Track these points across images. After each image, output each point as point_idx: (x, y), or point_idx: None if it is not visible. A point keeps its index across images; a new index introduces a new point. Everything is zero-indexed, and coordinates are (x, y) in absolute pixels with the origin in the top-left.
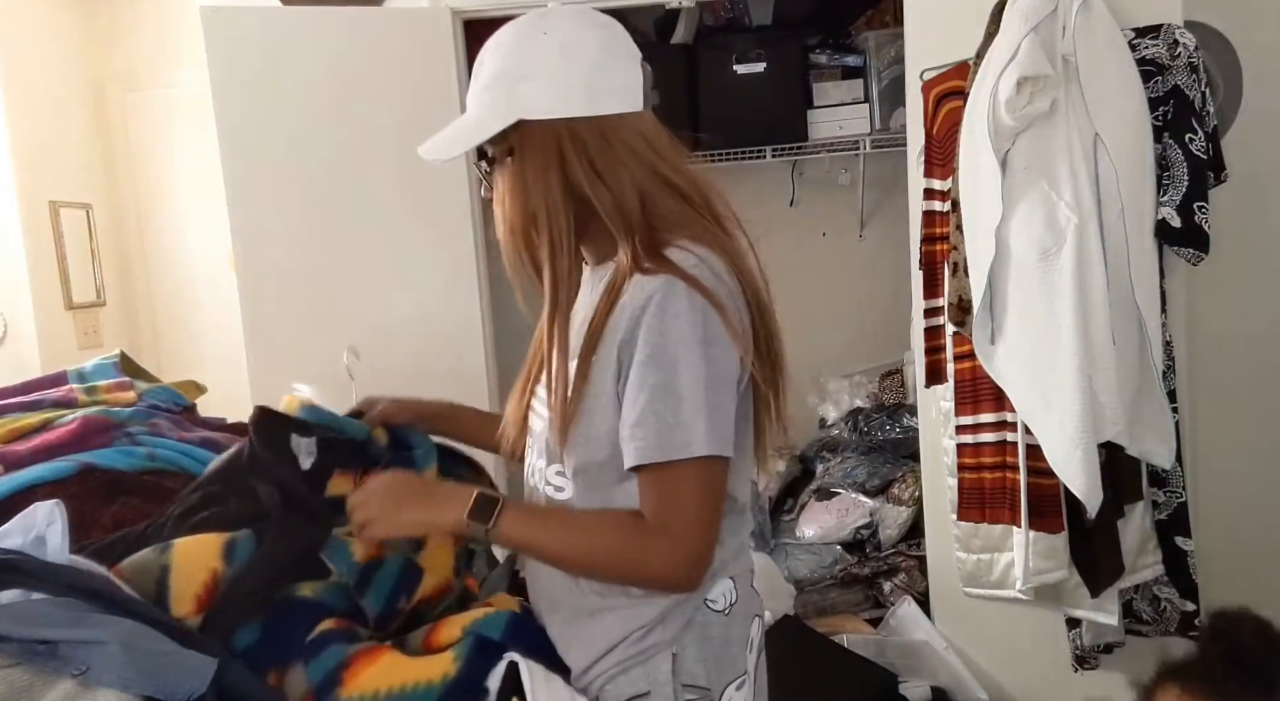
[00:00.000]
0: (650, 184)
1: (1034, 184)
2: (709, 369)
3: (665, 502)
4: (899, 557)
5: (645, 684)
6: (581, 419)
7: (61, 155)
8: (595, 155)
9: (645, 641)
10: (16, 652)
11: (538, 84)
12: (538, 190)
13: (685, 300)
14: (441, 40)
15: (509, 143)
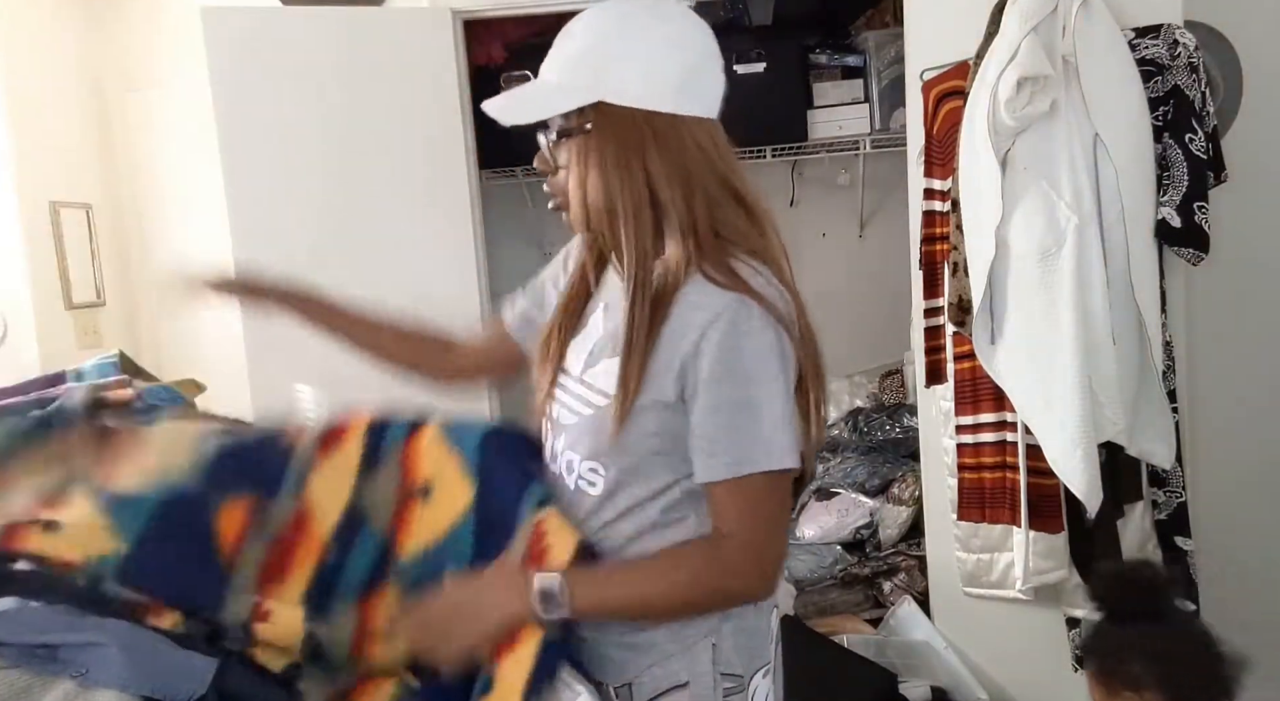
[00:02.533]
0: (717, 191)
1: (1034, 184)
2: (784, 385)
3: (748, 515)
4: (899, 557)
5: (685, 674)
6: (631, 423)
7: (61, 155)
8: (673, 152)
9: (685, 631)
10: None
11: (634, 69)
12: (622, 175)
13: (759, 320)
14: (441, 40)
15: (584, 119)
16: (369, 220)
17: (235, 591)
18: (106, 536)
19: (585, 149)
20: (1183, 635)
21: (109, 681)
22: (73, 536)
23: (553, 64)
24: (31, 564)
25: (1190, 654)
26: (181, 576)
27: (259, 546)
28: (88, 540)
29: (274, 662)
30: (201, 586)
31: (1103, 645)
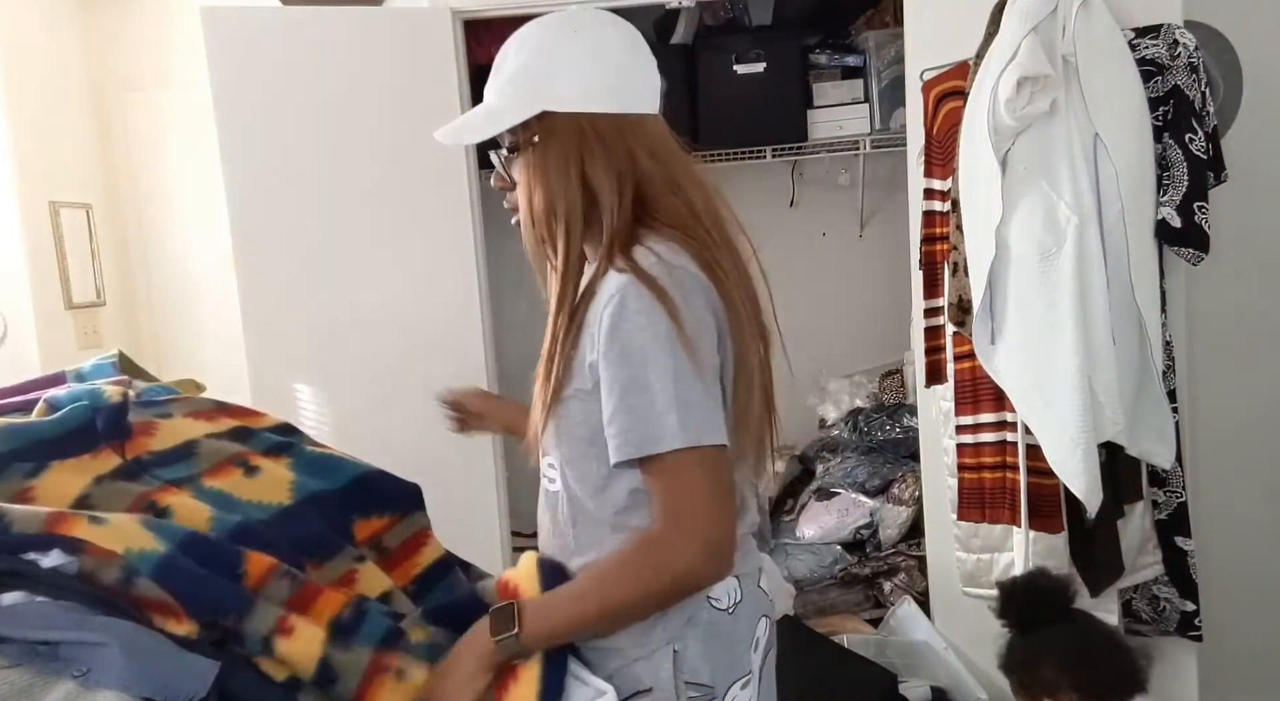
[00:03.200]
0: (659, 184)
1: (1034, 184)
2: (675, 363)
3: (668, 496)
4: (899, 557)
5: (648, 680)
6: (560, 412)
7: (61, 155)
8: (613, 151)
9: (647, 637)
10: (17, 654)
11: (567, 78)
12: (559, 180)
13: (645, 300)
14: (441, 40)
15: (531, 132)
16: (369, 220)
17: (265, 601)
18: (149, 536)
19: (533, 161)
20: (1087, 636)
21: (110, 682)
22: (116, 530)
23: (493, 87)
24: (69, 552)
25: (1097, 652)
26: (215, 582)
27: (287, 584)
28: (130, 535)
29: (278, 674)
30: (232, 596)
31: (1015, 657)
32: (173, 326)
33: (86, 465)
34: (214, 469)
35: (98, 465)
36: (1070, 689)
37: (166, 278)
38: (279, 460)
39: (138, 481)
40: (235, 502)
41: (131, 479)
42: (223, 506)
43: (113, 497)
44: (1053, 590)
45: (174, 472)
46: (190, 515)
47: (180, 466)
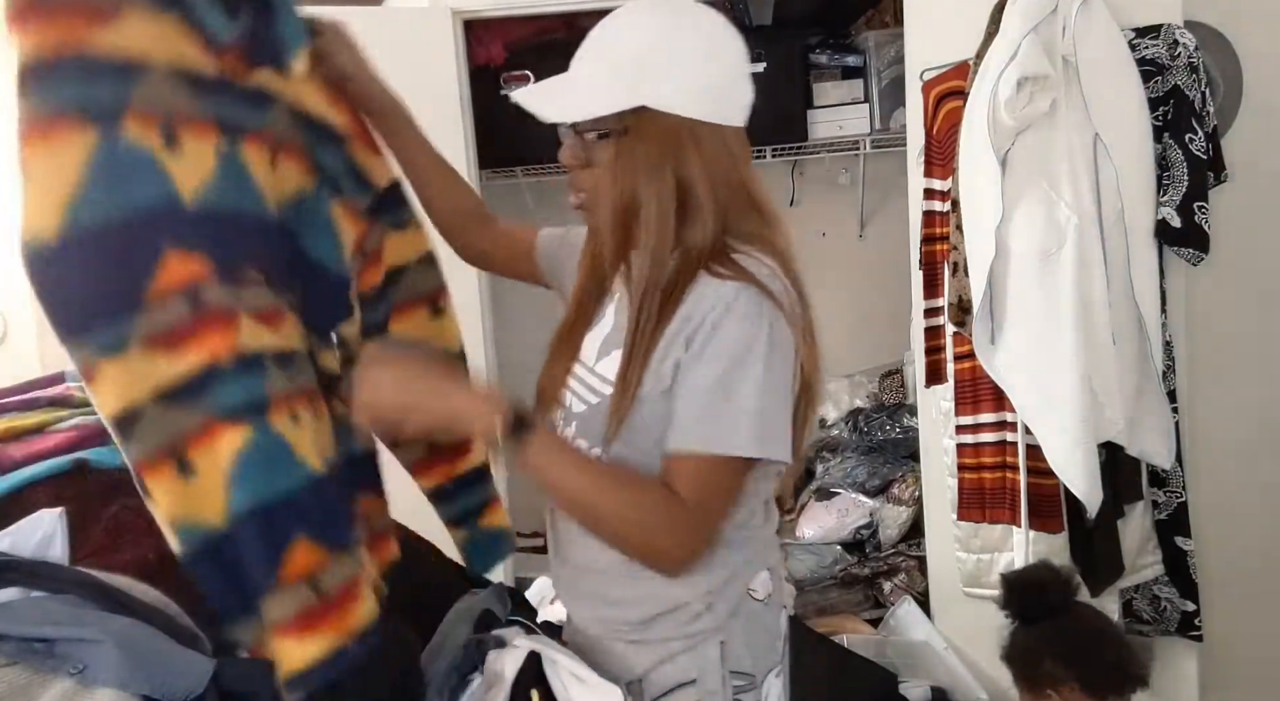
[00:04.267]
0: (740, 195)
1: (1034, 184)
2: (767, 375)
3: (699, 490)
4: (899, 557)
5: (694, 671)
6: (634, 413)
7: None
8: (709, 160)
9: (693, 627)
10: (13, 651)
11: (678, 80)
12: (652, 177)
13: (755, 305)
14: (441, 40)
15: (624, 122)
16: None
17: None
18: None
19: (621, 151)
20: (1088, 628)
21: (107, 679)
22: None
23: (591, 64)
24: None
25: (1098, 645)
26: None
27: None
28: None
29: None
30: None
31: (1017, 650)
32: None
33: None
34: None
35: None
36: (1071, 680)
37: None
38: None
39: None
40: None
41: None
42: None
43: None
44: (1055, 583)
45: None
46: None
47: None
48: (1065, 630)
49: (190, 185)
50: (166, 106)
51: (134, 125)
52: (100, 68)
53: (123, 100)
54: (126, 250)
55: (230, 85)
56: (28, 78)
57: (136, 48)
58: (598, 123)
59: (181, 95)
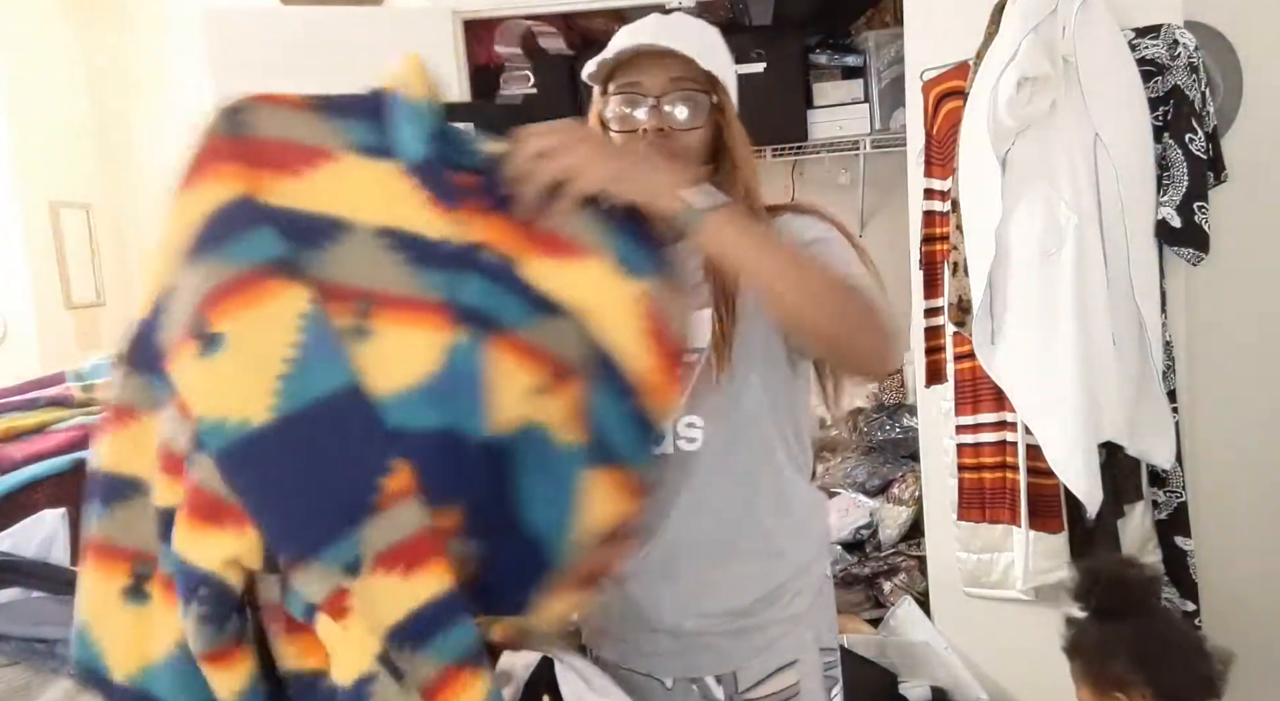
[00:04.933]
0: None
1: (1034, 184)
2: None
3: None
4: (899, 557)
5: (792, 652)
6: (736, 360)
7: (61, 155)
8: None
9: (790, 610)
10: (14, 651)
11: (733, 76)
12: (744, 140)
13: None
14: (441, 40)
15: (720, 96)
16: None
17: (347, 544)
18: (262, 394)
19: (727, 117)
20: (1169, 634)
21: None
22: (233, 367)
23: (698, 41)
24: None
25: (1178, 652)
26: (318, 495)
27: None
28: (242, 390)
29: (292, 659)
30: (332, 523)
31: (1088, 644)
32: None
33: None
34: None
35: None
36: (1144, 685)
37: None
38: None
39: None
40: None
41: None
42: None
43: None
44: (1139, 582)
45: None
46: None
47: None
48: (1147, 633)
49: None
50: (366, 280)
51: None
52: (285, 220)
53: (305, 263)
54: (352, 436)
55: (474, 254)
56: (220, 227)
57: (336, 202)
58: (712, 85)
59: (390, 268)
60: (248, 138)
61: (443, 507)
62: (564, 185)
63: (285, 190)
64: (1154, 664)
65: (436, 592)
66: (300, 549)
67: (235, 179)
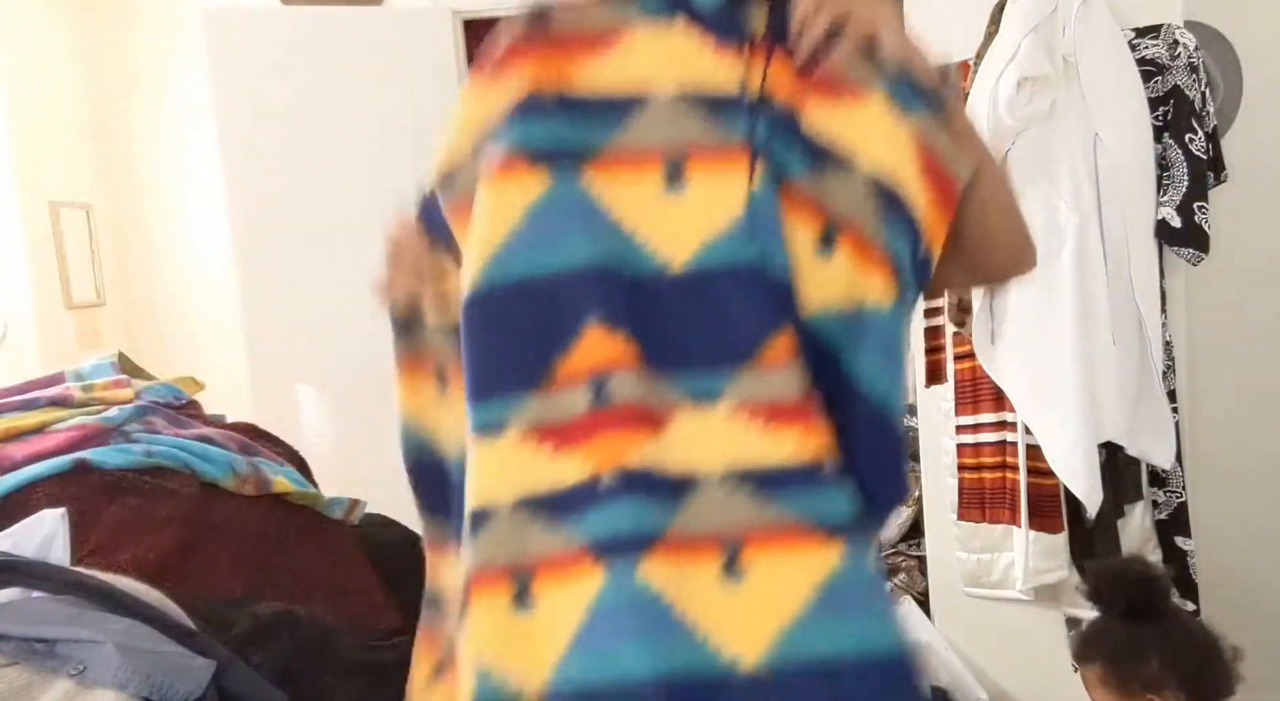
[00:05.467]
0: None
1: (1034, 184)
2: None
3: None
4: (899, 557)
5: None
6: None
7: (61, 155)
8: None
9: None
10: (14, 651)
11: None
12: None
13: None
14: (441, 40)
15: None
16: (368, 219)
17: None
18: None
19: None
20: (1194, 633)
21: (106, 680)
22: (475, 237)
23: None
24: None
25: (1204, 651)
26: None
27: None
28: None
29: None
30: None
31: (1113, 645)
32: (173, 326)
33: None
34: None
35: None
36: (1177, 686)
37: (166, 278)
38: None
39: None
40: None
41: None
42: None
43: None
44: (1163, 582)
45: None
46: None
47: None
48: (1177, 632)
49: (685, 248)
50: (672, 142)
51: (603, 170)
52: (579, 108)
53: (599, 142)
54: (545, 312)
55: (770, 104)
56: (506, 118)
57: (632, 77)
58: None
59: (694, 124)
60: (549, 34)
61: (688, 369)
62: (841, 30)
63: (584, 77)
64: (1187, 664)
65: (588, 472)
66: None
67: (532, 76)
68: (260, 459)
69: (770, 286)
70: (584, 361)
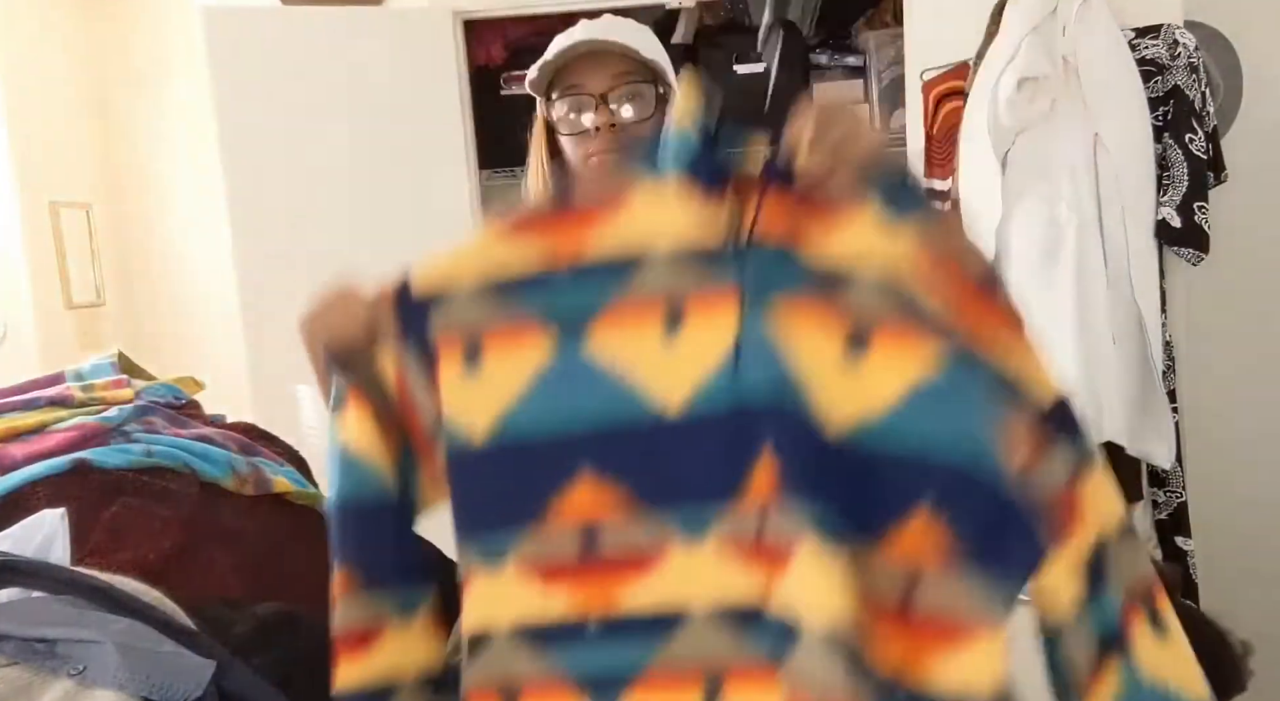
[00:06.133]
0: None
1: (1034, 184)
2: None
3: None
4: None
5: None
6: None
7: (61, 155)
8: None
9: None
10: (14, 652)
11: (669, 65)
12: None
13: None
14: (441, 40)
15: (663, 85)
16: (369, 219)
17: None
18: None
19: (665, 106)
20: (1202, 628)
21: (106, 681)
22: (478, 393)
23: (635, 36)
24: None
25: (1212, 646)
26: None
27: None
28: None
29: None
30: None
31: None
32: (173, 326)
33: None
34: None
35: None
36: None
37: (166, 278)
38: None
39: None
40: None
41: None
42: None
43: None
44: (1174, 577)
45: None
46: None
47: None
48: (1190, 628)
49: (679, 391)
50: (669, 292)
51: (608, 325)
52: (588, 273)
53: (604, 301)
54: (543, 465)
55: (761, 245)
56: (521, 284)
57: (632, 239)
58: (654, 75)
59: (689, 275)
60: (568, 210)
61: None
62: (840, 156)
63: (592, 244)
64: (1208, 663)
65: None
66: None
67: (544, 244)
68: (260, 459)
69: (756, 422)
70: (576, 507)
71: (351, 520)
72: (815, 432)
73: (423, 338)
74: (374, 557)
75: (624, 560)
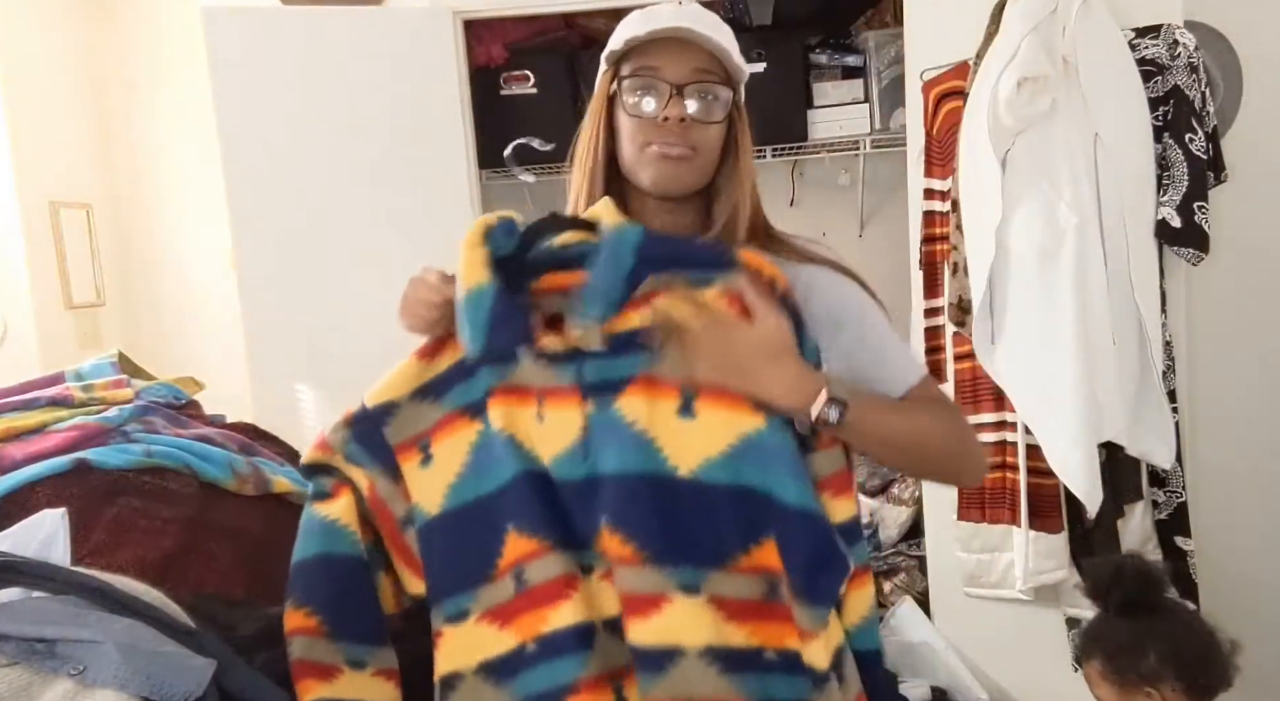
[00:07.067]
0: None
1: (1034, 184)
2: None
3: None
4: (899, 557)
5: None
6: None
7: (61, 155)
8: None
9: None
10: (15, 652)
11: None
12: (751, 151)
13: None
14: (441, 40)
15: (738, 93)
16: (370, 220)
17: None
18: (440, 490)
19: (740, 119)
20: (1191, 626)
21: (106, 680)
22: (433, 476)
23: (726, 37)
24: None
25: (1201, 644)
26: (458, 563)
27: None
28: (434, 483)
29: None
30: (460, 581)
31: (1112, 640)
32: (173, 326)
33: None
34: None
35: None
36: (1174, 679)
37: (166, 278)
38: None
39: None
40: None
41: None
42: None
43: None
44: (1161, 576)
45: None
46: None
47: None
48: (1176, 626)
49: (550, 452)
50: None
51: (498, 411)
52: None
53: (489, 389)
54: (483, 528)
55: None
56: (440, 383)
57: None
58: (733, 81)
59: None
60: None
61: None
62: (687, 358)
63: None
64: (1186, 657)
65: (516, 642)
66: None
67: (452, 354)
68: (260, 459)
69: (602, 485)
70: (509, 558)
71: (327, 572)
72: (661, 481)
73: (381, 444)
74: (343, 610)
75: (548, 592)
